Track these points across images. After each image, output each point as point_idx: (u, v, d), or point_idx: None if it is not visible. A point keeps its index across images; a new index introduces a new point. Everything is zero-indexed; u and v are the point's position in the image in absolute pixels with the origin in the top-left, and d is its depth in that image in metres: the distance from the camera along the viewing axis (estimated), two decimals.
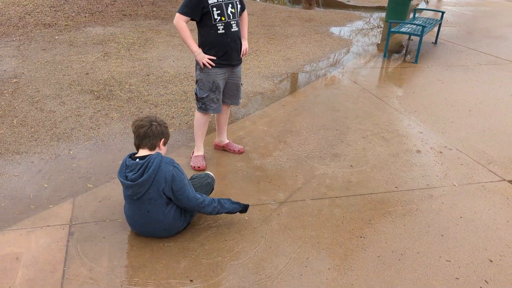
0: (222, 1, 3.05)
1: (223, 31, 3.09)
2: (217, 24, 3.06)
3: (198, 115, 3.39)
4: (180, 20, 3.05)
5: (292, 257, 2.53)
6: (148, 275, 2.35)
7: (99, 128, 3.97)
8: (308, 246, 2.63)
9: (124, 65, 5.72)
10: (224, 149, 3.73)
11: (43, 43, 6.49)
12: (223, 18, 3.06)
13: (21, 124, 3.95)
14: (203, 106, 3.31)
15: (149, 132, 2.51)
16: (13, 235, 2.58)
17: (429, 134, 4.26)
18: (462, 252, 2.65)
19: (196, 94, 3.30)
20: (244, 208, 2.76)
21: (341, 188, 3.27)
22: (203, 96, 3.27)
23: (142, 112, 4.35)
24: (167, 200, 2.50)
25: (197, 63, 3.20)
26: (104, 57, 6.02)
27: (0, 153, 3.46)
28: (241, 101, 3.56)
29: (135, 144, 2.57)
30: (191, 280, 2.33)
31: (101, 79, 5.15)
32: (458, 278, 2.45)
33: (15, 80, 4.95)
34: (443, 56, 7.32)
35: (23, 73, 5.19)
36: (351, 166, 3.59)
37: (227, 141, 3.73)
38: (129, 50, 6.40)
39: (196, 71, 3.27)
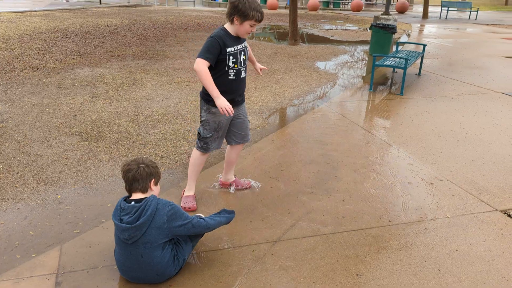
0: (238, 49, 3.08)
1: (234, 77, 3.12)
2: (229, 71, 3.08)
3: (196, 154, 3.35)
4: (203, 65, 2.95)
5: None
6: None
7: (87, 171, 3.91)
8: (304, 287, 2.56)
9: (112, 106, 5.72)
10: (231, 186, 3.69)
11: (30, 86, 6.49)
12: (236, 66, 3.09)
13: (7, 169, 3.88)
14: (205, 145, 3.29)
15: (137, 176, 2.48)
16: None
17: (419, 166, 4.27)
18: (460, 287, 2.60)
19: (199, 133, 3.28)
20: (233, 213, 2.88)
21: (334, 224, 3.23)
22: (207, 136, 3.25)
23: (131, 152, 4.32)
24: (163, 243, 2.45)
25: (204, 104, 3.18)
26: (92, 98, 6.02)
27: None
28: (250, 137, 3.55)
29: (126, 189, 2.53)
30: None
31: (89, 121, 5.13)
32: None
33: (1, 124, 4.91)
34: (427, 87, 7.47)
35: (10, 117, 5.16)
36: (343, 200, 3.56)
37: (233, 178, 3.69)
38: (117, 91, 6.43)
39: (201, 111, 3.25)
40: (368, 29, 15.51)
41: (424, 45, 8.78)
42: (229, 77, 3.09)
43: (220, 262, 2.76)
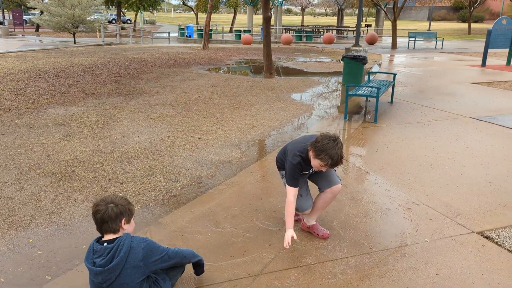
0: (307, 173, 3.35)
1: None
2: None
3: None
4: (293, 197, 3.15)
5: None
6: None
7: (61, 212, 3.81)
8: None
9: (87, 144, 5.64)
10: (308, 230, 3.55)
11: (2, 127, 6.36)
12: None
13: None
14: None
15: (105, 217, 2.39)
16: None
17: (396, 191, 4.32)
18: None
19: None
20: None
21: (316, 254, 3.20)
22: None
23: (107, 191, 4.23)
24: (140, 282, 2.38)
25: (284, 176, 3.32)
26: (66, 137, 5.94)
27: None
28: (338, 181, 3.43)
29: (97, 230, 2.45)
30: None
31: (63, 160, 5.04)
32: None
33: None
34: (400, 114, 7.67)
35: None
36: (327, 228, 3.54)
37: (314, 222, 3.54)
38: (92, 129, 6.36)
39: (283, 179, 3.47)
40: (340, 61, 15.96)
41: (395, 74, 9.07)
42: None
43: None
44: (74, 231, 3.49)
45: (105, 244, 2.37)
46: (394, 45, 23.80)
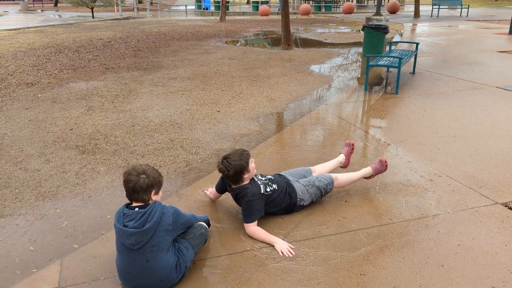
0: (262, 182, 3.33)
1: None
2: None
3: None
4: (254, 227, 3.09)
5: None
6: None
7: (85, 184, 3.90)
8: None
9: (108, 118, 5.72)
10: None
11: (25, 102, 6.49)
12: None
13: (4, 186, 3.86)
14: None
15: (137, 187, 2.47)
16: None
17: (417, 163, 4.27)
18: (464, 282, 2.59)
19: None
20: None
21: (336, 225, 3.21)
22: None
23: (129, 163, 4.30)
24: (168, 246, 2.49)
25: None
26: (88, 111, 6.02)
27: None
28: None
29: (127, 197, 2.53)
30: None
31: (85, 134, 5.12)
32: None
33: None
34: (422, 85, 7.49)
35: (6, 133, 5.14)
36: (345, 201, 3.55)
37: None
38: (113, 103, 6.43)
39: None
40: (360, 31, 15.58)
41: (417, 44, 8.82)
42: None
43: (222, 268, 2.74)
44: (99, 202, 3.58)
45: (136, 209, 2.46)
46: (416, 14, 23.04)
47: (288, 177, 3.51)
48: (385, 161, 3.66)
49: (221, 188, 3.37)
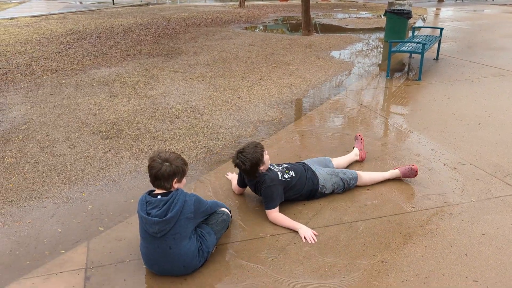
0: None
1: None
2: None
3: None
4: (276, 213, 3.11)
5: (313, 287, 2.46)
6: None
7: (109, 168, 3.98)
8: (329, 275, 2.56)
9: (130, 104, 5.79)
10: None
11: (50, 88, 6.61)
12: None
13: (32, 169, 3.97)
14: None
15: (159, 175, 2.49)
16: (29, 283, 2.54)
17: (440, 151, 4.21)
18: (488, 271, 2.56)
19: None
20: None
21: (357, 212, 3.21)
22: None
23: (151, 149, 4.37)
24: (190, 233, 2.52)
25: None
26: (110, 97, 6.10)
27: (13, 200, 3.46)
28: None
29: (150, 182, 2.56)
30: None
31: (109, 119, 5.21)
32: None
33: (24, 126, 5.02)
34: (446, 71, 7.33)
35: (32, 119, 5.27)
36: (368, 189, 3.53)
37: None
38: (134, 89, 6.50)
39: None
40: (382, 16, 15.28)
41: (441, 29, 8.60)
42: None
43: (244, 253, 2.78)
44: (123, 186, 3.65)
45: (159, 197, 2.49)
46: None
47: (310, 165, 3.51)
48: (416, 170, 3.57)
49: (242, 182, 3.39)
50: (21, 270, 2.66)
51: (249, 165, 3.06)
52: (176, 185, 2.56)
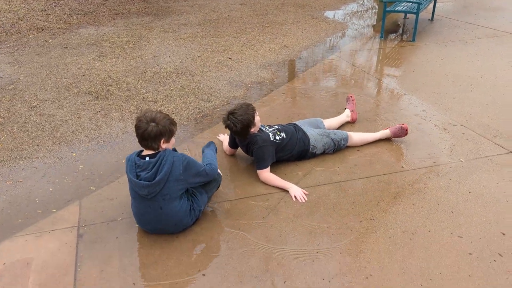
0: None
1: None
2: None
3: None
4: (267, 173, 3.11)
5: (302, 244, 2.52)
6: (160, 272, 2.34)
7: (99, 129, 3.94)
8: (318, 232, 2.61)
9: (120, 64, 5.68)
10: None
11: (37, 47, 6.44)
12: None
13: (21, 130, 3.93)
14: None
15: (145, 135, 2.43)
16: (21, 241, 2.57)
17: (431, 112, 4.22)
18: (473, 227, 2.63)
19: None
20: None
21: (347, 172, 3.24)
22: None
23: (141, 110, 4.32)
24: (181, 194, 2.51)
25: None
26: (99, 57, 5.97)
27: (2, 160, 3.44)
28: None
29: (138, 142, 2.53)
30: (204, 274, 2.32)
31: (98, 80, 5.12)
32: (471, 254, 2.43)
33: (12, 86, 4.92)
34: (440, 32, 7.24)
35: (19, 78, 5.16)
36: (358, 150, 3.55)
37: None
38: (124, 49, 6.36)
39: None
40: None
41: None
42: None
43: (235, 211, 2.81)
44: (114, 146, 3.64)
45: (147, 158, 2.45)
46: None
47: (301, 126, 3.50)
48: (406, 129, 3.59)
49: (234, 143, 3.39)
50: (13, 228, 2.68)
51: (240, 126, 3.05)
52: (164, 146, 2.50)
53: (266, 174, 3.11)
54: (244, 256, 2.43)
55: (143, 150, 2.55)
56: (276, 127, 3.35)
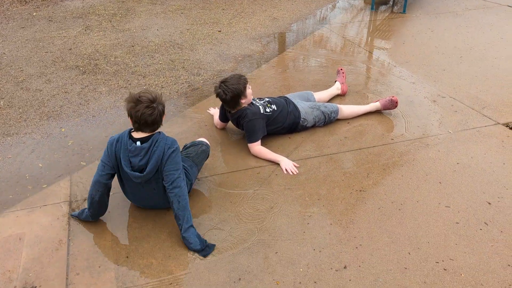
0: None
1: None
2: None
3: None
4: (258, 146, 3.12)
5: (293, 216, 2.55)
6: (153, 245, 2.36)
7: (88, 104, 3.90)
8: (308, 204, 2.65)
9: (107, 38, 5.56)
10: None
11: (21, 21, 6.27)
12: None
13: (8, 105, 3.87)
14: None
15: (157, 118, 2.27)
16: (13, 216, 2.57)
17: (421, 84, 4.23)
18: (460, 197, 2.69)
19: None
20: (204, 248, 2.32)
21: (337, 144, 3.27)
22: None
23: (130, 84, 4.27)
24: None
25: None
26: (86, 30, 5.84)
27: None
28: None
29: (135, 128, 2.32)
30: None
31: (85, 54, 5.02)
32: (458, 223, 2.49)
33: None
34: (431, 3, 7.18)
35: (4, 53, 5.04)
36: (348, 123, 3.57)
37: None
38: (111, 22, 6.22)
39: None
40: None
41: None
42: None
43: (227, 184, 2.83)
44: (103, 121, 3.61)
45: (138, 143, 2.30)
46: None
47: (292, 98, 3.50)
48: (396, 101, 3.60)
49: (224, 117, 3.37)
50: (4, 204, 2.67)
51: (230, 95, 3.03)
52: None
53: (257, 147, 3.12)
54: (236, 229, 2.47)
55: (131, 130, 2.37)
56: (267, 99, 3.34)
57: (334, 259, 2.26)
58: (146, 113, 2.23)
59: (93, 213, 2.46)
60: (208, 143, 2.98)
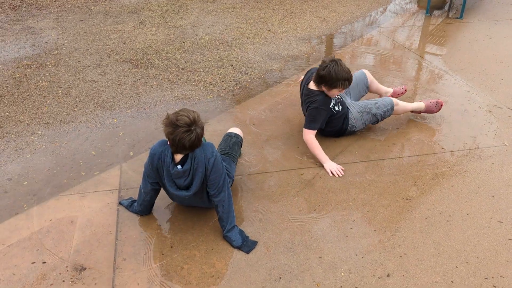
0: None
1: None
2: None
3: None
4: (312, 135, 3.09)
5: (337, 220, 2.53)
6: (197, 236, 2.41)
7: (139, 96, 4.03)
8: (352, 209, 2.61)
9: (159, 33, 5.72)
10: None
11: (80, 14, 6.57)
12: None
13: (65, 94, 4.06)
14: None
15: (195, 142, 2.18)
16: (67, 199, 2.70)
17: (477, 93, 4.06)
18: None
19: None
20: (247, 243, 2.36)
21: (384, 150, 3.20)
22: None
23: (180, 79, 4.37)
24: None
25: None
26: (139, 25, 6.03)
27: (48, 122, 3.58)
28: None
29: (172, 150, 2.25)
30: None
31: (138, 48, 5.19)
32: (511, 239, 2.37)
33: (56, 51, 5.07)
34: (490, 9, 6.88)
35: (63, 44, 5.30)
36: (397, 129, 3.49)
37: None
38: (163, 18, 6.39)
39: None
40: None
41: None
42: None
43: (270, 183, 2.84)
44: (153, 114, 3.72)
45: (179, 167, 2.25)
46: None
47: (347, 99, 3.43)
48: (441, 104, 3.48)
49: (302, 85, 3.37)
50: (59, 187, 2.81)
51: (325, 72, 2.95)
52: None
53: (311, 136, 3.08)
54: (277, 228, 2.47)
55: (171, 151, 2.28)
56: (339, 97, 3.30)
57: (377, 266, 2.22)
58: (184, 139, 2.14)
59: (143, 210, 2.55)
60: (238, 131, 2.94)
